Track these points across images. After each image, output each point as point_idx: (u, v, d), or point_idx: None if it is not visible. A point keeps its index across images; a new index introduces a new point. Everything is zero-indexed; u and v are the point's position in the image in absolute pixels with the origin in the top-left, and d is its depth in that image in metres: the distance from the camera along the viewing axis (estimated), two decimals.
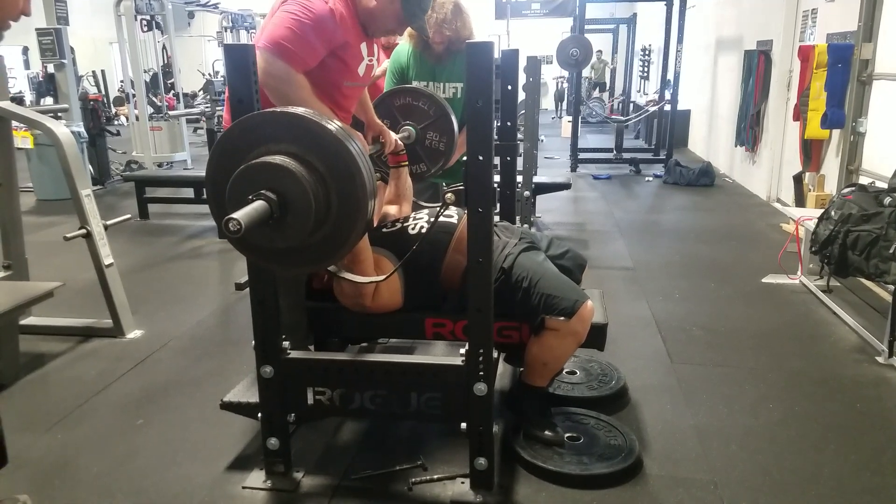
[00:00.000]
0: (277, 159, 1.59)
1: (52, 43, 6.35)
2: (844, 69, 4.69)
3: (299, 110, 1.68)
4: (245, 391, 2.23)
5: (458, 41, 2.99)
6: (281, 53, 2.02)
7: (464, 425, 1.96)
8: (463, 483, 2.05)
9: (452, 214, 2.31)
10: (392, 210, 2.53)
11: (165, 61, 10.30)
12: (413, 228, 2.28)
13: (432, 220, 2.24)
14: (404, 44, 3.19)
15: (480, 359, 1.89)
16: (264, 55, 2.02)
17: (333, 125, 1.65)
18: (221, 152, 1.69)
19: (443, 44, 3.03)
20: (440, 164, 2.77)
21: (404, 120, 2.71)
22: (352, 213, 1.67)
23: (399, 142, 2.58)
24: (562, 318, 2.06)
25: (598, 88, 15.42)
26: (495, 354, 2.01)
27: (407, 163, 2.65)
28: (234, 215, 1.46)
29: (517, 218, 3.22)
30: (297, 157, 1.61)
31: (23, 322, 3.20)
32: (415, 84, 3.19)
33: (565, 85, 15.43)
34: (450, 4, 2.97)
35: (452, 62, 3.11)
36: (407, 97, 2.76)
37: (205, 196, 5.81)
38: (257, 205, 1.54)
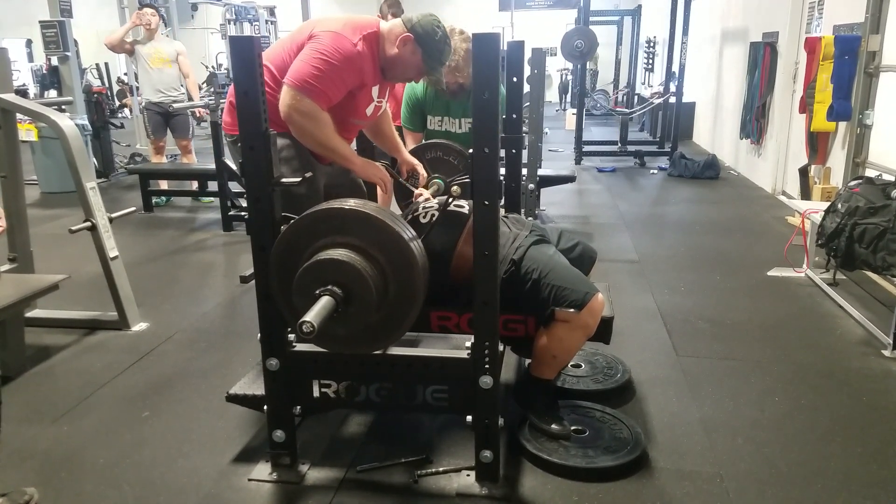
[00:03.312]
0: (341, 254, 1.72)
1: (56, 35, 6.33)
2: (851, 61, 4.66)
3: (356, 203, 1.80)
4: (251, 384, 2.23)
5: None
6: (308, 92, 2.12)
7: (469, 418, 1.96)
8: (468, 475, 2.06)
9: (464, 205, 2.30)
10: None
11: None
12: (424, 217, 2.28)
13: (445, 208, 2.24)
14: None
15: (486, 352, 1.89)
16: (291, 92, 2.13)
17: (391, 219, 1.78)
18: (288, 242, 1.82)
19: (455, 84, 3.05)
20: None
21: (433, 173, 2.73)
22: (409, 298, 1.81)
23: (431, 198, 2.62)
24: (572, 311, 2.05)
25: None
26: (501, 347, 2.01)
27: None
28: (307, 318, 1.57)
29: (522, 211, 3.22)
30: (358, 250, 1.75)
31: (28, 314, 3.21)
32: (430, 118, 3.23)
33: (569, 77, 15.37)
34: (461, 51, 2.97)
35: (467, 97, 3.13)
36: (438, 151, 2.81)
37: (209, 188, 5.86)
38: (325, 301, 1.66)
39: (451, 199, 2.19)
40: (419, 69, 2.35)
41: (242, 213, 5.19)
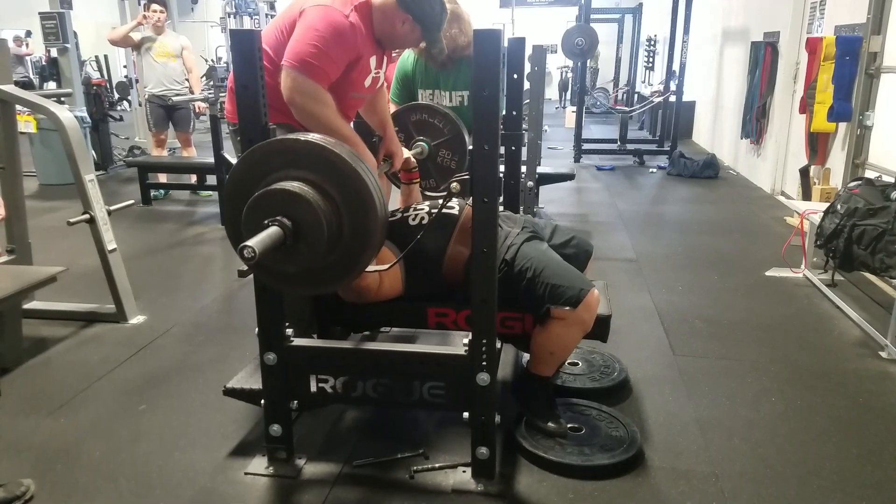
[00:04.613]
0: (294, 186, 1.64)
1: (56, 27, 6.31)
2: (852, 62, 4.66)
3: (317, 138, 1.72)
4: (248, 378, 2.23)
5: (456, 49, 2.96)
6: (309, 71, 2.07)
7: (466, 414, 1.96)
8: (464, 472, 2.06)
9: (454, 206, 2.29)
10: None
11: None
12: (414, 219, 2.28)
13: (434, 211, 2.23)
14: (408, 52, 3.18)
15: (484, 349, 1.89)
16: (292, 74, 2.07)
17: (351, 156, 1.69)
18: (241, 174, 1.74)
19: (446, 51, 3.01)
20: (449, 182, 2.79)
21: (418, 135, 2.70)
22: (362, 242, 1.73)
23: (412, 159, 2.58)
24: (567, 308, 2.05)
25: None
26: (498, 345, 2.01)
27: (418, 180, 2.66)
28: (249, 243, 1.50)
29: (521, 209, 3.22)
30: (313, 185, 1.66)
31: (26, 306, 3.20)
32: (420, 92, 3.20)
33: (570, 75, 15.35)
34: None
35: (457, 70, 3.08)
36: (423, 113, 2.77)
37: (207, 182, 5.85)
38: (272, 231, 1.59)
39: (447, 200, 2.18)
40: (418, 41, 2.33)
41: None
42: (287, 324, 2.01)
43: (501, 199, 2.77)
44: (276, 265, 1.69)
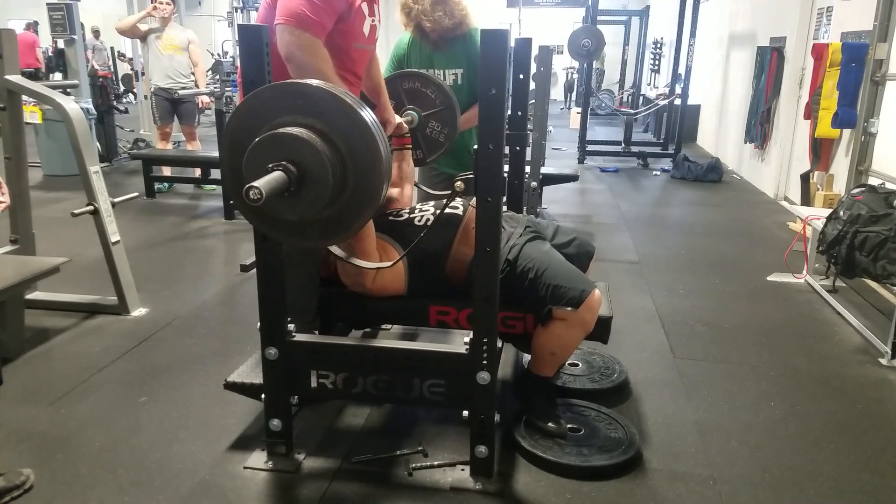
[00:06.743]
0: (304, 133, 1.59)
1: (63, 18, 6.33)
2: (858, 68, 4.65)
3: (331, 86, 1.67)
4: (249, 372, 2.24)
5: (444, 31, 2.93)
6: (305, 25, 1.99)
7: (465, 413, 1.97)
8: (463, 470, 2.07)
9: (458, 206, 2.30)
10: (394, 192, 2.53)
11: None
12: (419, 220, 2.28)
13: (438, 211, 2.24)
14: (404, 33, 3.17)
15: (484, 348, 1.89)
16: (288, 29, 1.99)
17: (367, 112, 1.65)
18: (248, 112, 1.67)
19: (435, 31, 2.98)
20: (437, 154, 2.76)
21: (409, 104, 2.69)
22: (364, 200, 1.68)
23: (404, 125, 2.57)
24: (569, 309, 2.06)
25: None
26: (499, 344, 2.01)
27: (411, 146, 2.65)
28: (256, 184, 1.47)
29: (524, 209, 3.22)
30: (322, 135, 1.61)
31: (28, 296, 3.21)
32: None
33: (575, 76, 15.34)
34: None
35: (451, 48, 3.06)
36: (416, 82, 2.74)
37: (212, 176, 5.87)
38: (277, 175, 1.54)
39: (451, 198, 2.19)
40: None
41: None
42: (289, 319, 2.02)
43: (505, 198, 2.76)
44: (274, 211, 1.65)
